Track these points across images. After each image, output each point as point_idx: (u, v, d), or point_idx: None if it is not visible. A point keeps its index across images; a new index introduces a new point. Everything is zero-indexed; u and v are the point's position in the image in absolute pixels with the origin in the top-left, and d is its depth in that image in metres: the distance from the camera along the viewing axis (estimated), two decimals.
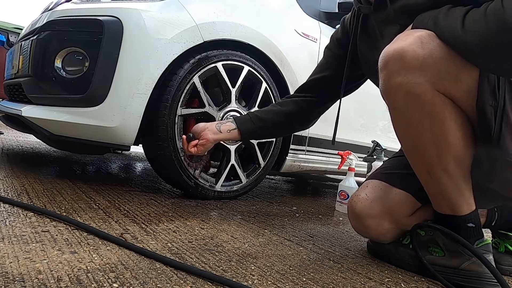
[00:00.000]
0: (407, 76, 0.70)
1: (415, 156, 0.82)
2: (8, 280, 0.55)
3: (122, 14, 1.20)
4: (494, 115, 0.71)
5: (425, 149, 0.77)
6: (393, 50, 0.71)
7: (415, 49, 0.69)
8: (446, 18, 0.68)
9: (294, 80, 1.61)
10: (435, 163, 0.78)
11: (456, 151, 0.75)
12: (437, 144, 0.75)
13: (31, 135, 2.54)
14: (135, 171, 2.06)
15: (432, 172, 0.80)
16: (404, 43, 0.70)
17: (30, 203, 0.99)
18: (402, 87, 0.72)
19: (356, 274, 0.83)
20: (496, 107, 0.70)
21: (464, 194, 0.80)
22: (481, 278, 0.81)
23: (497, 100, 0.70)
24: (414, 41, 0.69)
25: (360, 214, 0.96)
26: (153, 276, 0.65)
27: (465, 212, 0.82)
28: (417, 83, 0.70)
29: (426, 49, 0.68)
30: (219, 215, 1.19)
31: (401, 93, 0.73)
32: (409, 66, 0.70)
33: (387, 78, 0.74)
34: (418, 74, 0.70)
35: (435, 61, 0.69)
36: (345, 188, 1.67)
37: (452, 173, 0.77)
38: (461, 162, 0.77)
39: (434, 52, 0.68)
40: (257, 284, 0.68)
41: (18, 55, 1.41)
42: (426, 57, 0.68)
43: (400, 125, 0.80)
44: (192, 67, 1.31)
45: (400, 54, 0.70)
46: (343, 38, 1.09)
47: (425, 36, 0.69)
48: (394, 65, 0.71)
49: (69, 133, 1.23)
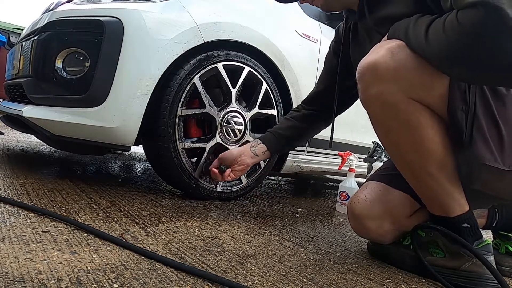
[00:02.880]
0: (381, 87, 0.74)
1: (399, 161, 0.85)
2: (8, 281, 0.55)
3: (123, 14, 1.20)
4: (465, 119, 0.73)
5: (406, 155, 0.80)
6: (367, 63, 0.75)
7: (387, 61, 0.72)
8: (414, 28, 0.70)
9: (295, 81, 1.61)
10: (418, 168, 0.80)
11: (436, 156, 0.77)
12: (416, 150, 0.78)
13: (32, 136, 2.54)
14: (135, 171, 2.06)
15: (418, 177, 0.82)
16: (377, 56, 0.73)
17: (30, 203, 0.99)
18: (378, 97, 0.75)
19: (356, 275, 0.83)
20: (467, 111, 0.73)
21: (453, 196, 0.81)
22: (481, 279, 0.81)
23: (467, 104, 0.73)
24: (385, 53, 0.72)
25: (360, 215, 0.96)
26: (153, 276, 0.65)
27: (457, 213, 0.82)
28: (391, 92, 0.73)
29: (396, 60, 0.71)
30: (219, 216, 1.19)
31: (377, 103, 0.77)
32: (382, 78, 0.73)
33: (363, 90, 0.77)
34: (391, 84, 0.73)
35: (406, 71, 0.72)
36: (345, 189, 1.67)
37: (437, 177, 0.79)
38: (444, 166, 0.78)
39: (405, 62, 0.71)
40: (257, 285, 0.68)
41: (19, 55, 1.41)
42: (397, 68, 0.72)
43: (380, 133, 0.83)
44: (192, 67, 1.31)
45: (373, 66, 0.73)
46: (337, 47, 1.13)
47: (395, 47, 0.72)
48: (368, 77, 0.75)
49: (70, 134, 1.23)
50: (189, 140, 1.36)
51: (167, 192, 1.47)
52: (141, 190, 1.42)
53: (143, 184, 1.59)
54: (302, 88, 1.65)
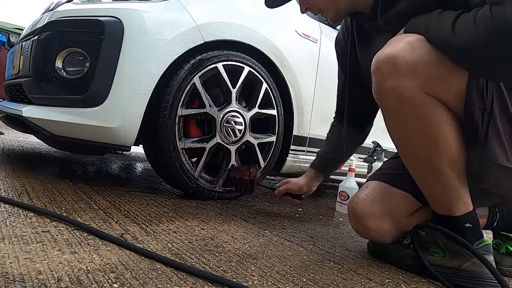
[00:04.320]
0: (397, 80, 0.73)
1: (409, 158, 0.84)
2: (8, 280, 0.55)
3: (123, 14, 1.20)
4: (481, 118, 0.73)
5: (418, 151, 0.79)
6: (385, 55, 0.73)
7: (406, 55, 0.71)
8: (437, 23, 0.70)
9: (295, 81, 1.61)
10: (428, 165, 0.79)
11: (449, 153, 0.76)
12: (429, 146, 0.77)
13: (32, 136, 2.54)
14: (135, 171, 2.06)
15: (426, 173, 0.81)
16: (395, 49, 0.72)
17: (30, 203, 0.99)
18: (393, 91, 0.74)
19: (357, 275, 0.83)
20: (484, 110, 0.72)
21: (460, 194, 0.81)
22: (481, 279, 0.81)
23: (485, 103, 0.72)
24: (405, 47, 0.71)
25: (361, 215, 0.96)
26: (153, 276, 0.65)
27: (462, 212, 0.82)
28: (408, 87, 0.72)
29: (416, 54, 0.70)
30: (219, 216, 1.19)
31: (392, 96, 0.75)
32: (400, 71, 0.72)
33: (379, 82, 0.76)
34: (409, 79, 0.72)
35: (425, 66, 0.71)
36: (345, 189, 1.67)
37: (446, 174, 0.78)
38: (455, 163, 0.77)
39: (424, 57, 0.70)
40: (257, 285, 0.68)
41: (19, 55, 1.41)
42: (416, 62, 0.71)
43: (392, 127, 0.82)
44: (192, 67, 1.31)
45: (391, 59, 0.72)
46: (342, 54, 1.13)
47: (415, 41, 0.71)
48: (385, 69, 0.74)
49: (70, 134, 1.23)
50: (189, 140, 1.36)
51: (167, 192, 1.46)
52: (141, 190, 1.42)
53: (143, 184, 1.59)
54: (302, 88, 1.65)
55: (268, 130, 1.59)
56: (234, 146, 1.44)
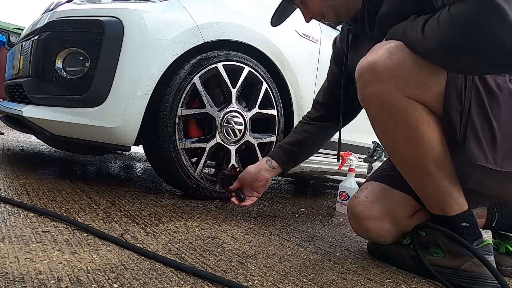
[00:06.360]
0: (379, 85, 0.75)
1: (397, 160, 0.86)
2: (8, 280, 0.55)
3: (123, 14, 1.20)
4: (459, 119, 0.74)
5: (404, 154, 0.81)
6: (366, 63, 0.76)
7: (385, 60, 0.74)
8: (411, 28, 0.72)
9: (295, 81, 1.61)
10: (416, 166, 0.81)
11: (434, 154, 0.78)
12: (413, 148, 0.78)
13: (32, 136, 2.54)
14: (135, 171, 2.06)
15: (416, 175, 0.83)
16: (375, 56, 0.75)
17: (30, 203, 0.99)
18: (376, 96, 0.77)
19: (357, 275, 0.83)
20: (462, 111, 0.74)
21: (452, 194, 0.81)
22: (481, 279, 0.81)
23: (463, 105, 0.74)
24: (384, 53, 0.74)
25: (360, 215, 0.96)
26: (153, 276, 0.65)
27: (456, 212, 0.83)
28: (389, 91, 0.75)
29: (394, 59, 0.73)
30: (219, 216, 1.19)
31: (375, 101, 0.78)
32: (380, 76, 0.75)
33: (362, 88, 0.79)
34: (389, 83, 0.74)
35: (404, 70, 0.73)
36: (345, 189, 1.67)
37: (435, 175, 0.79)
38: (442, 163, 0.78)
39: (402, 61, 0.73)
40: (257, 285, 0.68)
41: (19, 55, 1.41)
42: (395, 67, 0.73)
43: (378, 131, 0.85)
44: (192, 67, 1.31)
45: (372, 66, 0.75)
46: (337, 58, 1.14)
47: (393, 47, 0.74)
48: (367, 76, 0.77)
49: (70, 134, 1.23)
50: (189, 140, 1.36)
51: (167, 192, 1.47)
52: (141, 190, 1.42)
53: (143, 184, 1.59)
54: (302, 88, 1.65)
55: (268, 130, 1.59)
56: (234, 146, 1.44)
